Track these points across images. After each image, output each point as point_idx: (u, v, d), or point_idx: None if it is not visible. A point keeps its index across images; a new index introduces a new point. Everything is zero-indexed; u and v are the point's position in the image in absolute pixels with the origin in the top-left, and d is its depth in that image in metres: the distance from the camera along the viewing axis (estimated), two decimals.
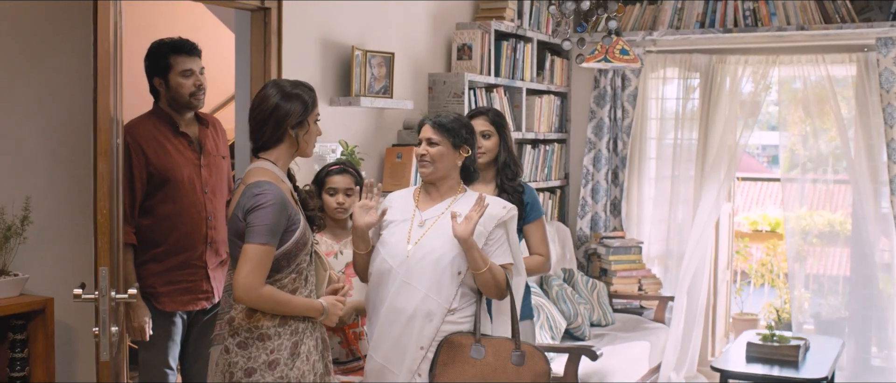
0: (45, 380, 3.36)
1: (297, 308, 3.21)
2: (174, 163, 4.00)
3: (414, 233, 3.60)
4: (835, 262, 7.88)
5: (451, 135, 3.62)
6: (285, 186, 3.25)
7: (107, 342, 2.95)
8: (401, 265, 3.54)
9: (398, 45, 5.66)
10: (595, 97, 7.20)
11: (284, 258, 3.18)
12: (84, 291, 2.96)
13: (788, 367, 5.36)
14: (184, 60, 4.02)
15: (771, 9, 6.52)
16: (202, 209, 4.08)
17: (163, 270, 3.98)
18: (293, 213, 3.18)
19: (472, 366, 3.49)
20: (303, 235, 3.21)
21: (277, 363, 3.15)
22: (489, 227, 3.59)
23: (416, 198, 3.72)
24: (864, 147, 6.52)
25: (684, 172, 7.11)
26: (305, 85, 3.36)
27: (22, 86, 3.53)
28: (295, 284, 3.23)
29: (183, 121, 4.08)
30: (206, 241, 4.11)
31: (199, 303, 4.11)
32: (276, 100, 3.25)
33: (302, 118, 3.27)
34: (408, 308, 3.51)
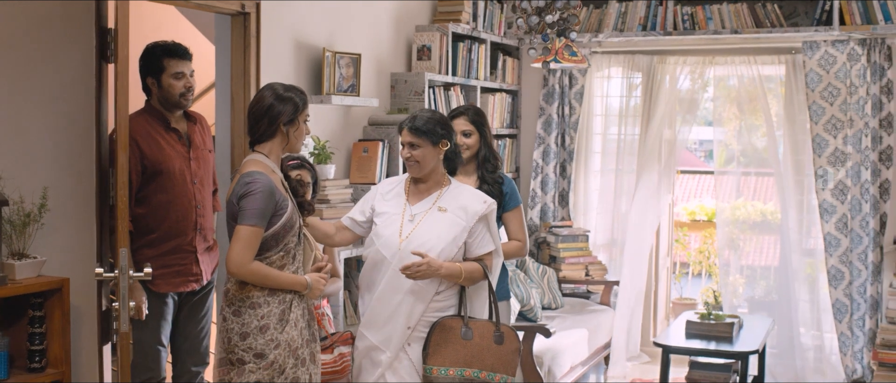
0: (60, 353, 3.70)
1: (284, 282, 3.66)
2: (166, 156, 4.32)
3: (405, 227, 4.02)
4: (766, 249, 8.42)
5: (429, 136, 4.02)
6: (276, 176, 3.69)
7: (126, 315, 3.32)
8: (393, 256, 3.97)
9: (364, 47, 6.05)
10: (544, 95, 7.64)
11: (273, 238, 3.63)
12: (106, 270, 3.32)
13: (724, 342, 5.86)
14: (176, 63, 4.36)
15: (707, 14, 7.02)
16: (192, 198, 4.41)
17: (156, 254, 4.28)
18: (281, 200, 3.62)
19: (463, 347, 3.94)
20: (289, 219, 3.66)
21: (267, 328, 3.61)
22: (471, 223, 4.02)
23: (407, 191, 4.14)
24: (791, 142, 7.05)
25: (627, 165, 7.58)
26: (298, 89, 3.81)
27: (32, 83, 3.85)
28: (283, 261, 3.69)
29: (173, 118, 4.41)
30: (195, 228, 4.44)
31: (189, 285, 4.44)
32: (271, 100, 3.72)
33: (292, 117, 3.74)
34: (398, 293, 3.95)
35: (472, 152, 4.63)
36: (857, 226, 6.70)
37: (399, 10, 6.54)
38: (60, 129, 3.96)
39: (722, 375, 5.82)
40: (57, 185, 3.90)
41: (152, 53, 4.38)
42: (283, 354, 3.66)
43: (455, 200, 4.06)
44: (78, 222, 4.05)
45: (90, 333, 4.13)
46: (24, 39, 3.81)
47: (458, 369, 3.92)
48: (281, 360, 3.65)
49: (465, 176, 4.60)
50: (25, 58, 3.81)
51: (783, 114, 7.07)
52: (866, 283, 6.70)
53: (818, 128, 6.76)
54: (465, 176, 4.58)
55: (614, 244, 7.65)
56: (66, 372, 3.70)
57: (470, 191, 4.15)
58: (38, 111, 3.88)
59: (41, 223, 3.72)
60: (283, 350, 3.65)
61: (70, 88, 4.00)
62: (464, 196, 4.11)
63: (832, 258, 6.76)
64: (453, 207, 4.05)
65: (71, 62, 4.00)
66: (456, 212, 4.04)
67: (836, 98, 6.69)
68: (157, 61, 4.36)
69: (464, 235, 4.02)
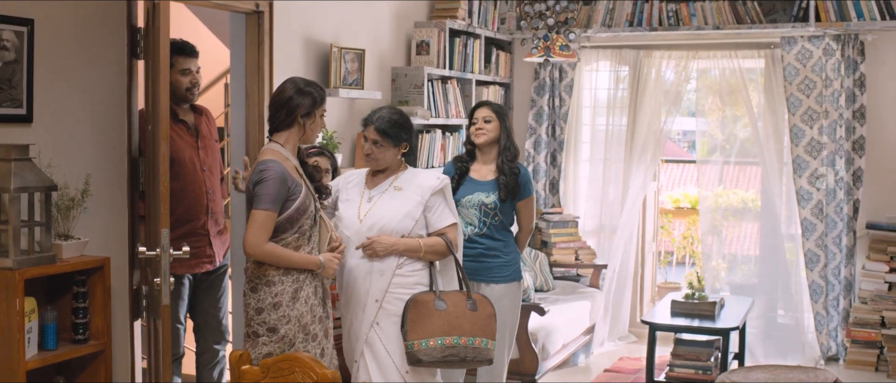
0: (102, 326, 4.03)
1: (297, 261, 3.90)
2: (176, 147, 4.60)
3: (363, 207, 4.28)
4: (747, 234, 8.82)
5: (392, 138, 4.27)
6: (289, 163, 3.93)
7: (167, 290, 3.66)
8: (355, 234, 4.22)
9: (367, 42, 6.39)
10: (535, 87, 7.99)
11: (288, 221, 3.87)
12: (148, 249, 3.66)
13: (706, 320, 6.24)
14: (183, 60, 4.66)
15: (691, 10, 7.38)
16: (202, 185, 4.71)
17: (173, 238, 4.47)
18: (293, 186, 3.87)
19: (438, 317, 4.14)
20: (303, 203, 3.90)
21: (280, 304, 3.85)
22: (426, 197, 4.27)
23: (366, 180, 4.40)
24: (772, 132, 7.43)
25: (615, 155, 7.93)
26: (318, 85, 4.07)
27: (75, 78, 4.19)
28: (298, 243, 3.92)
29: (181, 111, 4.71)
30: (207, 212, 4.74)
31: (203, 266, 4.75)
32: (291, 93, 3.97)
33: (310, 110, 3.98)
34: (362, 268, 4.20)
35: (488, 138, 4.94)
36: (832, 212, 7.08)
37: (399, 8, 6.88)
38: (98, 121, 4.30)
39: (705, 351, 6.19)
40: (95, 172, 4.24)
41: None
42: (293, 329, 3.87)
43: (410, 180, 4.31)
44: (112, 206, 4.39)
45: (122, 309, 4.47)
46: (67, 38, 4.15)
47: (438, 338, 4.10)
48: (291, 335, 3.87)
49: (485, 164, 4.95)
50: (69, 54, 4.15)
51: (763, 106, 7.44)
52: (840, 266, 7.09)
53: (795, 118, 7.14)
54: (483, 164, 4.94)
55: (602, 229, 8.00)
56: (107, 343, 4.04)
57: (425, 172, 4.42)
58: (79, 103, 4.21)
59: (84, 207, 4.06)
60: (293, 325, 3.86)
61: (106, 83, 4.34)
62: (419, 176, 4.36)
63: (809, 242, 7.15)
64: (409, 186, 4.29)
65: (107, 58, 4.34)
66: (411, 189, 4.28)
67: (812, 90, 7.08)
68: None
69: (419, 209, 4.26)
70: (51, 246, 3.85)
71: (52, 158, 3.97)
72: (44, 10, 4.01)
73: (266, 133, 4.18)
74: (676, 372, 6.21)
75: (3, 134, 3.83)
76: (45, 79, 4.04)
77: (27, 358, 3.70)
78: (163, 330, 3.71)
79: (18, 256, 3.66)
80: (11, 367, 3.61)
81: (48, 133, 4.04)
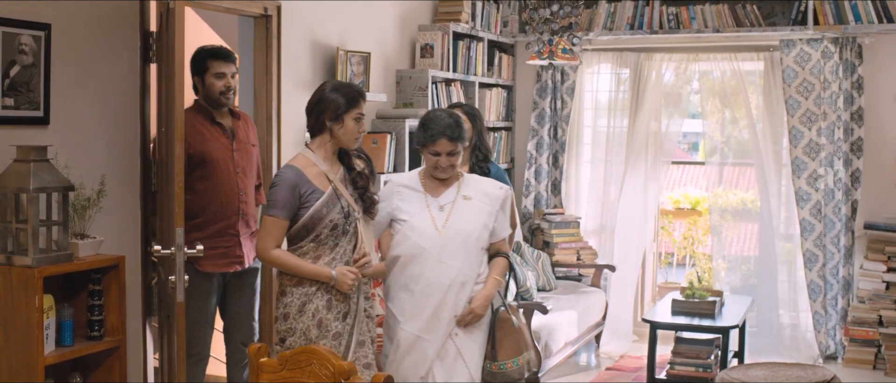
0: (117, 323, 4.13)
1: (305, 271, 3.78)
2: (210, 147, 4.66)
3: (437, 217, 4.10)
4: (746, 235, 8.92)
5: (462, 140, 4.10)
6: (314, 169, 3.84)
7: (181, 288, 3.75)
8: (434, 246, 4.03)
9: (372, 46, 6.49)
10: (537, 90, 8.09)
11: (303, 229, 3.80)
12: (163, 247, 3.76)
13: (707, 318, 6.33)
14: (218, 64, 4.70)
15: (691, 14, 7.48)
16: (235, 186, 4.74)
17: (202, 237, 4.59)
18: (308, 193, 3.77)
19: (514, 334, 4.12)
20: (318, 212, 3.77)
21: (288, 315, 3.80)
22: (495, 207, 4.17)
23: (423, 185, 4.19)
24: (770, 133, 7.52)
25: (616, 156, 8.02)
26: (352, 88, 3.94)
27: (90, 80, 4.30)
28: (317, 252, 3.81)
29: (218, 114, 4.76)
30: (238, 213, 4.76)
31: (233, 266, 4.76)
32: (320, 95, 3.90)
33: (336, 114, 3.84)
34: (444, 281, 4.01)
35: None
36: (831, 212, 7.18)
37: (403, 11, 6.98)
38: (113, 123, 4.41)
39: (705, 349, 6.29)
40: (109, 173, 4.34)
41: (199, 55, 4.74)
42: (297, 342, 3.80)
43: (476, 188, 4.18)
44: (126, 206, 4.49)
45: (136, 307, 4.58)
46: (82, 42, 4.26)
47: (514, 358, 4.10)
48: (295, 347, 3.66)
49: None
50: (84, 58, 4.26)
51: (762, 108, 7.54)
52: (839, 265, 7.19)
53: (794, 120, 7.24)
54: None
55: (603, 230, 8.09)
56: (122, 340, 4.15)
57: (484, 180, 4.30)
58: (94, 106, 4.33)
59: (99, 206, 4.16)
60: (297, 338, 3.80)
61: (120, 85, 4.46)
62: (482, 183, 4.25)
63: (807, 242, 7.24)
64: (476, 194, 4.15)
65: (121, 62, 4.45)
66: (480, 198, 4.15)
67: (810, 93, 7.17)
68: (202, 62, 4.71)
69: (492, 219, 4.14)
70: (68, 244, 3.96)
71: (68, 159, 4.08)
72: (60, 15, 4.12)
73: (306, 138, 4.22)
74: (677, 370, 6.31)
75: (21, 135, 3.94)
76: (62, 82, 4.15)
77: (45, 354, 3.80)
78: (177, 328, 3.80)
79: (37, 254, 3.76)
80: (31, 363, 3.71)
81: (65, 134, 4.15)
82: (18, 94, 3.95)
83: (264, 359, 2.64)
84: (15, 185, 3.75)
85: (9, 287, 3.76)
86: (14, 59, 3.94)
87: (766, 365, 5.41)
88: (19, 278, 3.72)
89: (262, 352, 2.66)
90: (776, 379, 5.11)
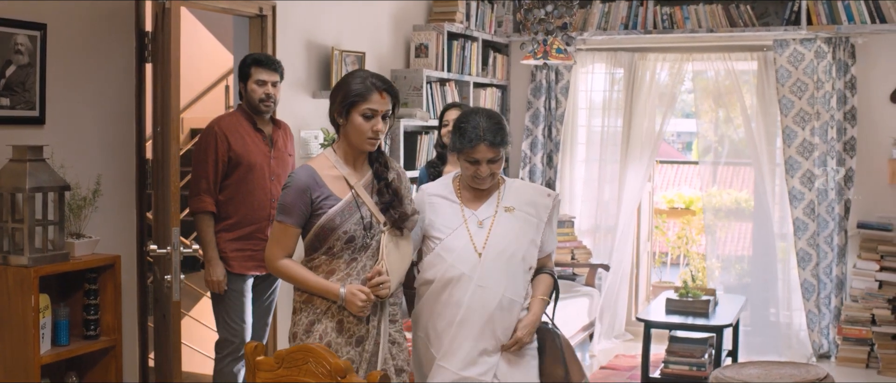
0: (113, 323, 4.14)
1: (312, 286, 3.32)
2: (249, 152, 4.70)
3: (476, 236, 3.55)
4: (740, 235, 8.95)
5: (506, 144, 3.54)
6: (333, 172, 3.36)
7: (178, 286, 3.77)
8: (473, 269, 3.49)
9: (367, 45, 6.50)
10: (532, 89, 8.11)
11: (315, 239, 3.33)
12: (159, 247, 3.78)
13: (700, 317, 6.35)
14: (260, 72, 4.74)
15: (685, 14, 7.51)
16: (268, 192, 4.77)
17: (233, 238, 4.68)
18: (320, 197, 3.30)
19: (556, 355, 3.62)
20: (331, 220, 3.29)
21: (296, 335, 3.36)
22: (543, 218, 3.62)
23: (458, 195, 3.64)
24: (764, 133, 7.55)
25: (610, 155, 8.05)
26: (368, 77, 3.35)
27: (86, 80, 4.31)
28: (330, 266, 3.33)
29: (260, 121, 4.81)
30: (268, 219, 4.77)
31: (259, 269, 4.77)
32: (336, 84, 3.41)
33: (343, 107, 3.32)
34: (486, 309, 3.47)
35: None
36: (824, 212, 7.21)
37: (398, 11, 6.99)
38: (109, 123, 4.42)
39: (699, 348, 6.31)
40: (105, 173, 4.35)
41: (244, 62, 4.81)
42: None
43: (519, 197, 3.61)
44: (122, 206, 4.50)
45: (131, 306, 4.59)
46: (78, 42, 4.27)
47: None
48: None
49: (452, 165, 5.08)
50: (80, 58, 4.27)
51: (756, 107, 7.57)
52: (832, 264, 7.22)
53: (788, 120, 7.27)
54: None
55: (598, 229, 8.12)
56: (118, 339, 4.15)
57: (530, 186, 3.75)
58: (90, 105, 4.33)
59: (95, 206, 4.17)
60: None
61: (115, 85, 4.46)
62: (526, 191, 3.68)
63: (801, 241, 7.27)
64: (520, 205, 3.60)
65: (116, 62, 4.46)
66: (524, 209, 3.60)
67: (804, 92, 7.20)
68: (246, 68, 4.77)
69: (539, 234, 3.60)
70: (64, 244, 3.96)
71: (64, 159, 4.08)
72: (56, 15, 4.13)
73: None
74: (671, 369, 6.33)
75: (17, 135, 3.95)
76: (58, 81, 4.16)
77: (41, 353, 3.81)
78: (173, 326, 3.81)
79: (33, 254, 3.77)
80: (27, 362, 3.72)
81: (60, 134, 4.16)
82: (14, 94, 3.96)
83: (261, 358, 2.66)
84: (11, 185, 3.76)
85: (5, 286, 3.77)
86: (10, 58, 3.94)
87: (759, 364, 5.44)
88: (15, 277, 3.73)
89: (258, 351, 2.67)
90: (770, 378, 5.14)
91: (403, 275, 3.47)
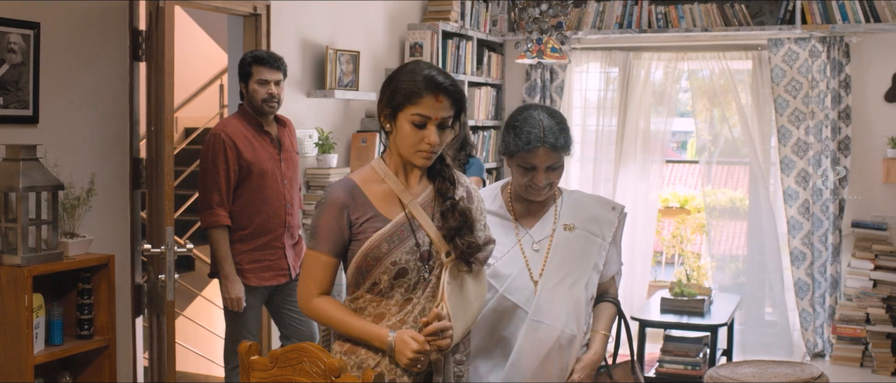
0: (106, 322, 4.13)
1: (355, 331, 2.64)
2: (260, 157, 4.59)
3: (533, 261, 3.03)
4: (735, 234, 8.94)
5: (568, 149, 3.04)
6: (380, 187, 2.70)
7: (172, 285, 3.76)
8: (527, 302, 2.98)
9: (362, 44, 6.50)
10: (526, 88, 8.11)
11: (358, 272, 2.66)
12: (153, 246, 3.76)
13: (695, 316, 6.36)
14: (261, 70, 4.62)
15: (679, 13, 7.51)
16: (282, 197, 4.68)
17: (248, 249, 4.58)
18: (361, 218, 2.65)
19: None
20: (376, 246, 2.62)
21: None
22: (608, 238, 3.10)
23: (510, 209, 3.11)
24: (759, 132, 7.56)
25: (605, 155, 8.05)
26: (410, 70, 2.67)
27: (79, 79, 4.30)
28: (378, 308, 2.66)
29: (265, 122, 4.69)
30: (284, 225, 4.70)
31: (278, 279, 4.71)
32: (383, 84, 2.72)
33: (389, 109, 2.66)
34: (542, 348, 2.96)
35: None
36: (818, 211, 7.22)
37: (393, 10, 6.99)
38: (102, 122, 4.41)
39: (694, 347, 6.32)
40: (98, 172, 4.34)
41: (244, 60, 4.68)
42: None
43: (580, 212, 3.07)
44: (115, 205, 4.49)
45: (125, 306, 4.58)
46: (71, 41, 4.26)
47: None
48: None
49: None
50: (73, 57, 4.26)
51: (751, 106, 7.57)
52: (826, 263, 7.23)
53: (783, 119, 7.28)
54: None
55: None
56: (111, 339, 4.14)
57: (591, 198, 3.20)
58: (83, 105, 4.32)
59: (89, 205, 4.16)
60: None
61: (109, 84, 4.46)
62: (588, 205, 3.14)
63: (795, 240, 7.28)
64: (581, 221, 3.06)
65: (110, 61, 4.45)
66: (586, 226, 3.07)
67: (798, 91, 7.21)
68: (246, 67, 4.64)
69: (603, 257, 3.07)
70: (57, 243, 3.95)
71: (58, 158, 4.07)
72: (49, 14, 4.12)
73: None
74: (666, 368, 6.33)
75: (10, 134, 3.94)
76: (51, 80, 4.15)
77: (35, 353, 3.80)
78: (167, 326, 3.81)
79: (27, 253, 3.76)
80: (20, 362, 3.71)
81: (54, 133, 4.15)
82: (7, 93, 3.95)
83: (255, 357, 2.64)
84: (4, 184, 3.75)
85: None
86: (3, 57, 3.93)
87: (754, 363, 5.44)
88: (9, 277, 3.72)
89: (252, 350, 2.66)
90: (764, 377, 5.14)
91: (472, 323, 2.74)
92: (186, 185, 7.76)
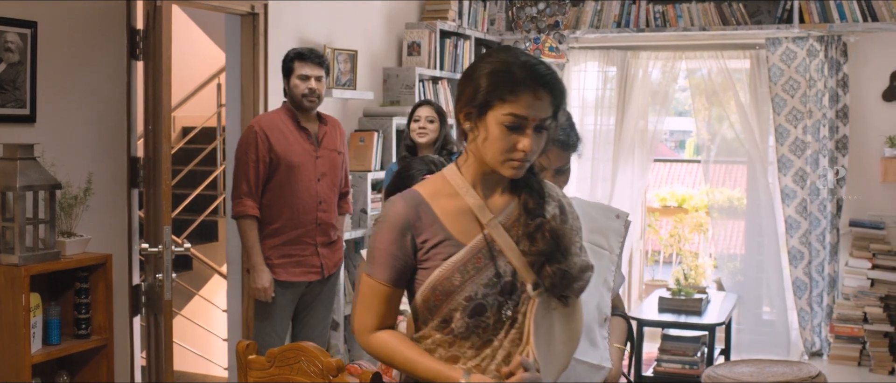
0: (104, 321, 4.12)
1: (421, 370, 2.20)
2: (292, 151, 4.61)
3: None
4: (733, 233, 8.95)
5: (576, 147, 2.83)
6: (453, 202, 2.25)
7: (169, 285, 3.76)
8: None
9: (359, 43, 6.49)
10: None
11: (425, 308, 2.24)
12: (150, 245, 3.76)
13: (693, 315, 6.37)
14: (302, 66, 4.67)
15: (677, 12, 7.51)
16: (314, 194, 4.67)
17: (278, 244, 4.58)
18: (427, 243, 2.22)
19: None
20: (445, 279, 2.19)
21: None
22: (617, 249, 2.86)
23: None
24: (757, 131, 7.56)
25: (603, 154, 8.06)
26: (502, 60, 2.19)
27: (77, 78, 4.29)
28: (450, 351, 2.22)
29: (304, 118, 4.70)
30: (315, 222, 4.69)
31: (309, 276, 4.70)
32: (462, 77, 2.27)
33: (475, 108, 2.19)
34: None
35: (430, 138, 5.25)
36: (816, 210, 7.22)
37: (390, 9, 6.98)
38: (100, 121, 4.40)
39: (692, 347, 6.32)
40: (96, 171, 4.34)
41: (287, 57, 4.73)
42: None
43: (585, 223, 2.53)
44: (112, 205, 4.49)
45: (122, 305, 4.57)
46: (69, 40, 4.25)
47: None
48: None
49: None
50: (70, 56, 4.25)
51: (749, 105, 7.58)
52: (824, 262, 7.23)
53: (780, 118, 7.28)
54: None
55: None
56: (109, 338, 4.13)
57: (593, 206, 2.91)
58: (81, 104, 4.32)
59: (86, 204, 4.15)
60: None
61: (106, 83, 4.45)
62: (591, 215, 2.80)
63: (793, 239, 7.28)
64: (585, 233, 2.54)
65: (107, 60, 4.44)
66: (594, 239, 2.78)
67: (796, 90, 7.21)
68: (289, 63, 4.70)
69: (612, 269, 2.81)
70: (55, 243, 3.95)
71: (55, 157, 4.07)
72: (46, 13, 4.11)
73: None
74: (664, 367, 6.34)
75: (7, 133, 3.93)
76: (48, 80, 4.14)
77: (32, 353, 3.79)
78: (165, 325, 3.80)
79: (24, 253, 3.76)
80: (18, 361, 3.70)
81: (51, 132, 4.14)
82: (5, 92, 3.94)
83: (252, 357, 2.65)
84: (1, 184, 3.75)
85: None
86: (0, 57, 3.93)
87: (752, 362, 5.44)
88: (6, 276, 3.72)
89: (250, 349, 2.66)
90: (762, 376, 5.14)
91: (563, 369, 2.31)
92: (184, 185, 7.76)
